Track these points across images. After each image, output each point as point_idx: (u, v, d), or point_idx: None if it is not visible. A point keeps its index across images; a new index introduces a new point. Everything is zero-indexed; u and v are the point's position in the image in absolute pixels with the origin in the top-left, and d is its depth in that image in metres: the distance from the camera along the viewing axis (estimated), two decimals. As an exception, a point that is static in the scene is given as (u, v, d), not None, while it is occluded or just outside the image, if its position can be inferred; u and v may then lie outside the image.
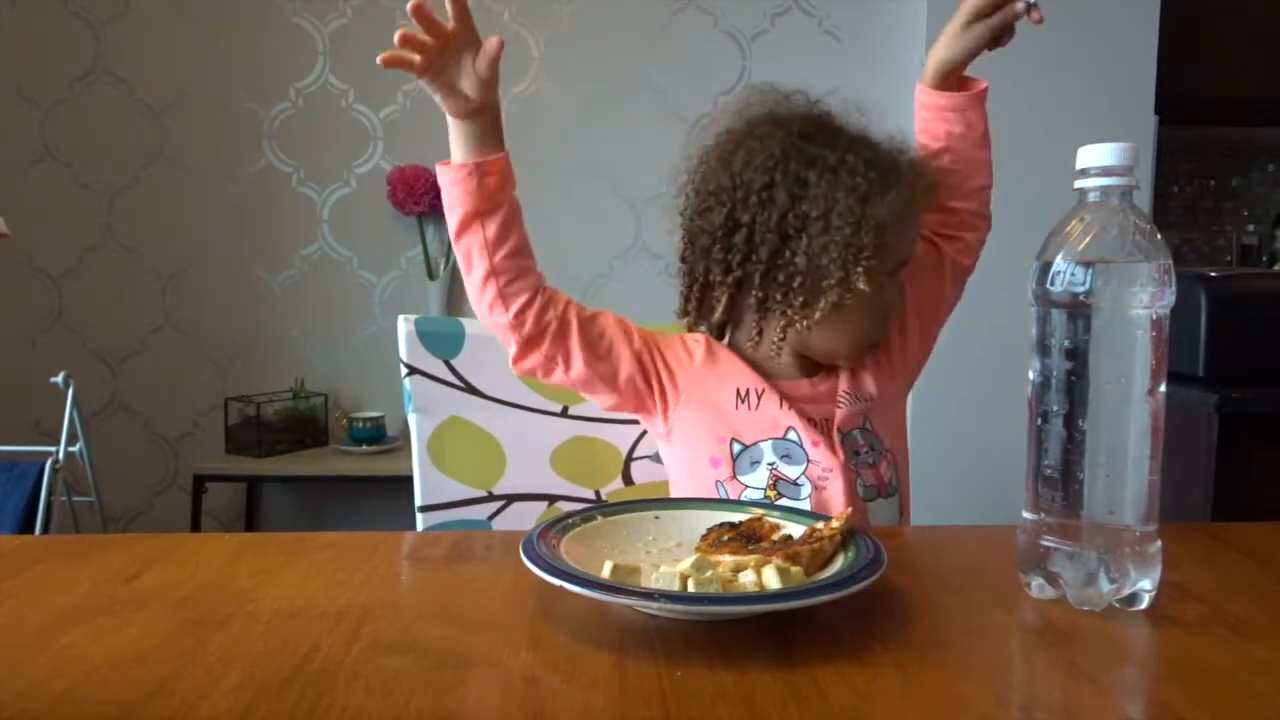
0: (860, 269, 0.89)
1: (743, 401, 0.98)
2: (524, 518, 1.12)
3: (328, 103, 2.69)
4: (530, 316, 0.95)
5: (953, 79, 1.01)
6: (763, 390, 0.98)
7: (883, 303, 0.95)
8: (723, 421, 0.98)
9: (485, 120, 0.93)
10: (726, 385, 0.99)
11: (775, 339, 0.97)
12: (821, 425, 0.98)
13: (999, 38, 0.97)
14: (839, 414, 0.99)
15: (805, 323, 0.94)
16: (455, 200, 0.94)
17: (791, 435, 0.97)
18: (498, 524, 1.12)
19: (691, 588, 0.60)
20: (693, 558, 0.64)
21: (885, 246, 0.91)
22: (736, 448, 0.97)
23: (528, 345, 0.97)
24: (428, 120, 2.68)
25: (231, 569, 0.73)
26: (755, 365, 1.00)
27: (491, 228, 0.94)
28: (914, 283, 1.01)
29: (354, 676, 0.53)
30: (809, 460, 0.96)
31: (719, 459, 0.97)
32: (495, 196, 0.94)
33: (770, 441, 0.96)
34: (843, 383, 1.00)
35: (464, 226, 0.94)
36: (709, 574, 0.61)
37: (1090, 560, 0.62)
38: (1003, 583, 0.69)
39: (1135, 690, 0.55)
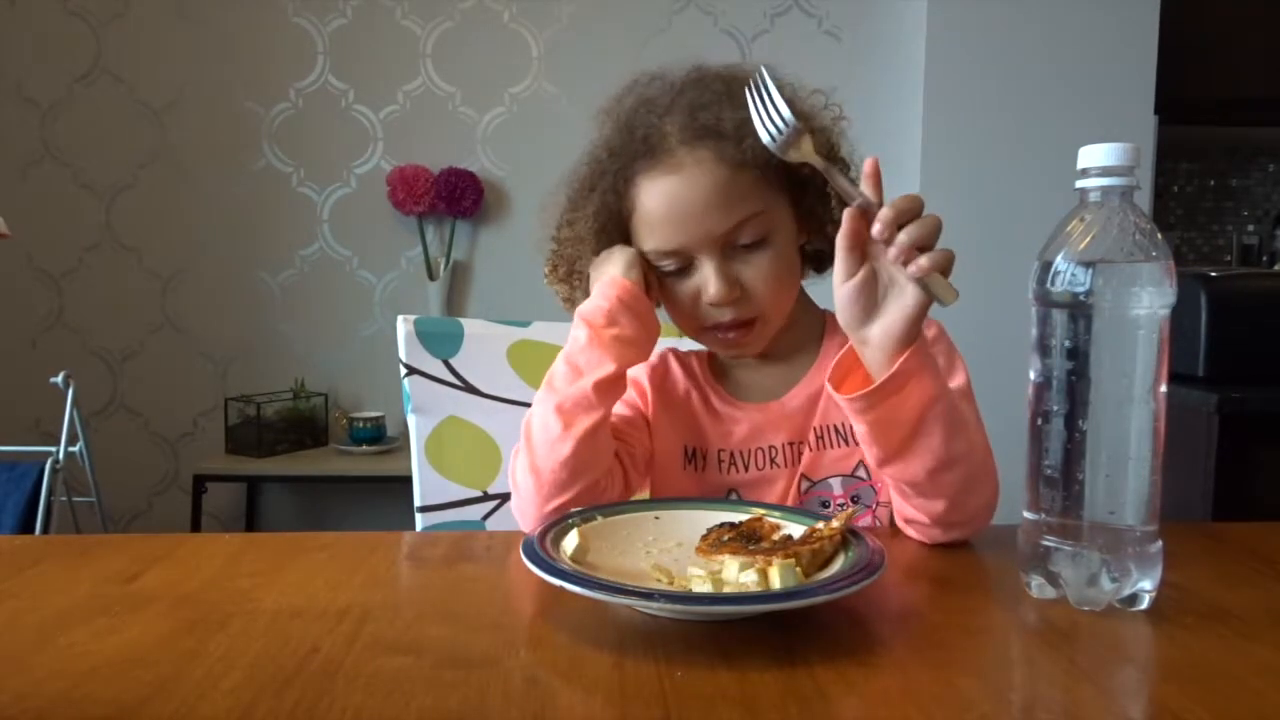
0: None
1: (689, 462, 0.93)
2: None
3: (328, 103, 2.69)
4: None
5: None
6: (706, 451, 0.91)
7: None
8: (670, 480, 0.92)
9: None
10: (674, 439, 0.93)
11: None
12: (783, 456, 0.89)
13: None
14: (806, 456, 0.90)
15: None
16: (596, 359, 0.82)
17: (733, 497, 0.91)
18: (491, 523, 1.12)
19: (695, 587, 0.60)
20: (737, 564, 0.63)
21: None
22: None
23: None
24: (428, 120, 2.70)
25: (231, 569, 0.73)
26: (720, 371, 0.95)
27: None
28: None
29: (354, 676, 0.53)
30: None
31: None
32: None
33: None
34: (819, 415, 0.89)
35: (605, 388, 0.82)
36: (749, 579, 0.61)
37: (1092, 560, 0.62)
38: (1003, 583, 0.69)
39: (1135, 690, 0.55)
